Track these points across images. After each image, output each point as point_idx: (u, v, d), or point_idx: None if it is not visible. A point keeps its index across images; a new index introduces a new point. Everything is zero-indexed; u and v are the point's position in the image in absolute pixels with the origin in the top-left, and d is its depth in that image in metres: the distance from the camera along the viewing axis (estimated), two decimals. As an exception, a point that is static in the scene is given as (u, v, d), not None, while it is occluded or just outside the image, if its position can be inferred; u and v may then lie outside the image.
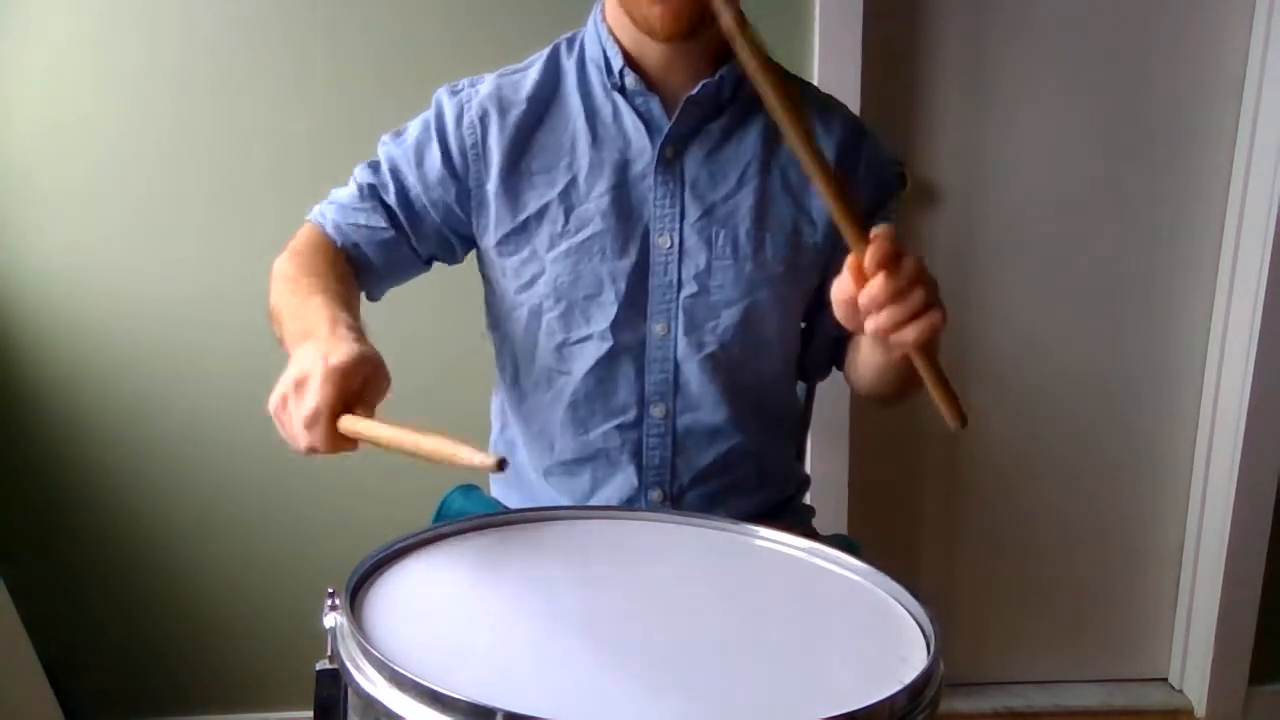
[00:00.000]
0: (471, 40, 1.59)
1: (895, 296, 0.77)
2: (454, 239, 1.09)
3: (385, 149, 1.09)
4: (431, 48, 1.60)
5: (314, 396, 0.79)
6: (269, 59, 1.59)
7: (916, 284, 0.78)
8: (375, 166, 1.09)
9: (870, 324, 0.79)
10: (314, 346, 0.83)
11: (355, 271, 1.06)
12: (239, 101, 1.60)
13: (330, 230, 1.08)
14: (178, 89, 1.59)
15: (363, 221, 1.07)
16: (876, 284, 0.77)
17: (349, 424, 0.79)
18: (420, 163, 1.06)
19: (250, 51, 1.59)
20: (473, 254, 1.12)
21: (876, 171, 1.09)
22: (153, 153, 1.61)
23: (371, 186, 1.08)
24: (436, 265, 1.14)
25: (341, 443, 0.80)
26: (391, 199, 1.07)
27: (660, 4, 0.93)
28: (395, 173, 1.07)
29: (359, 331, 0.89)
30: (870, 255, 0.77)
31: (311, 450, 0.81)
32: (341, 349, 0.81)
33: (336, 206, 1.09)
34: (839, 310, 0.83)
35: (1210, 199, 1.81)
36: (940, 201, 1.79)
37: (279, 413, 0.83)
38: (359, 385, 0.81)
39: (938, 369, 0.81)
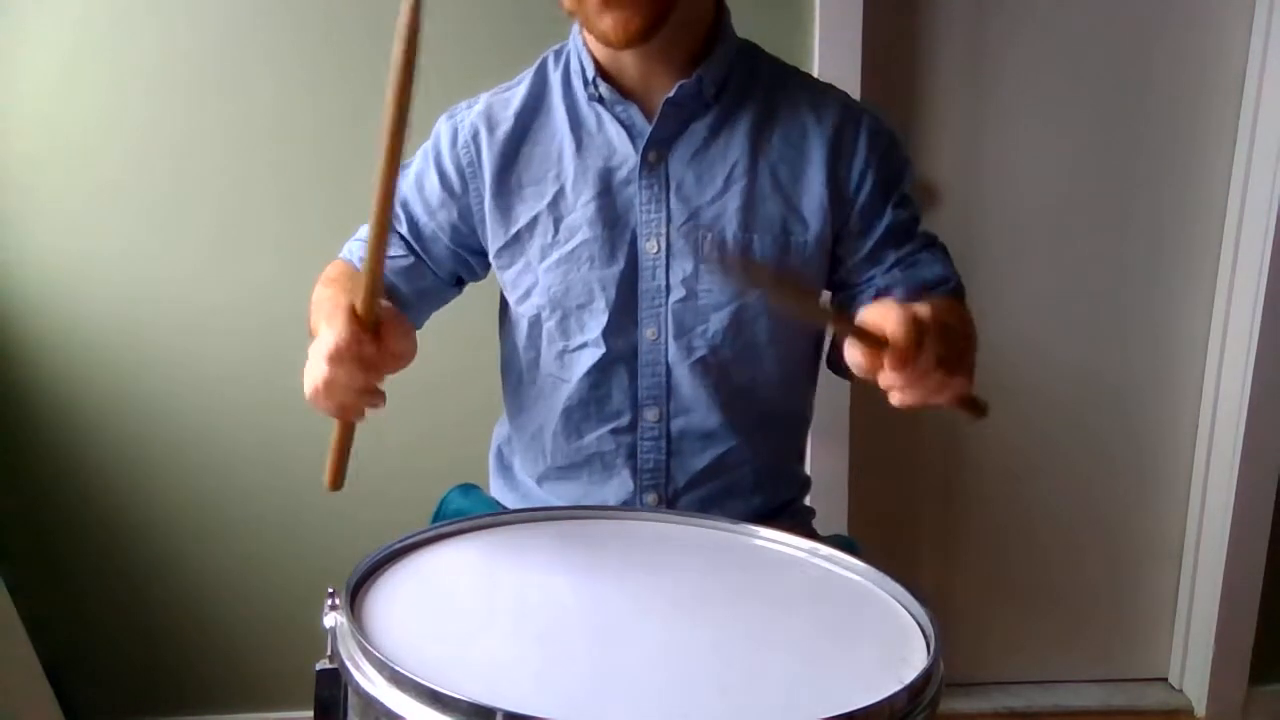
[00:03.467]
0: (482, 47, 1.58)
1: (916, 383, 0.80)
2: (468, 256, 1.12)
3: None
4: (443, 56, 1.59)
5: (330, 335, 0.84)
6: (277, 66, 1.59)
7: (936, 368, 0.79)
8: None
9: (895, 400, 0.82)
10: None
11: (388, 301, 1.08)
12: (246, 107, 1.60)
13: (358, 264, 1.11)
14: (185, 94, 1.59)
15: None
16: (895, 376, 0.80)
17: (360, 306, 0.85)
18: (421, 189, 1.10)
19: (258, 58, 1.59)
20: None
21: (878, 157, 1.05)
22: (158, 157, 1.61)
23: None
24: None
25: (369, 337, 0.86)
26: (404, 229, 1.11)
27: (609, 14, 0.92)
28: (404, 205, 1.11)
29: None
30: (889, 361, 0.78)
31: (350, 371, 0.85)
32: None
33: (360, 243, 1.14)
34: (858, 373, 0.85)
35: (1210, 199, 1.81)
36: (940, 201, 1.79)
37: (315, 387, 0.87)
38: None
39: (966, 404, 0.87)
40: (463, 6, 1.58)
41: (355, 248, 1.14)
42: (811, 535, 0.98)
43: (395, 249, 1.11)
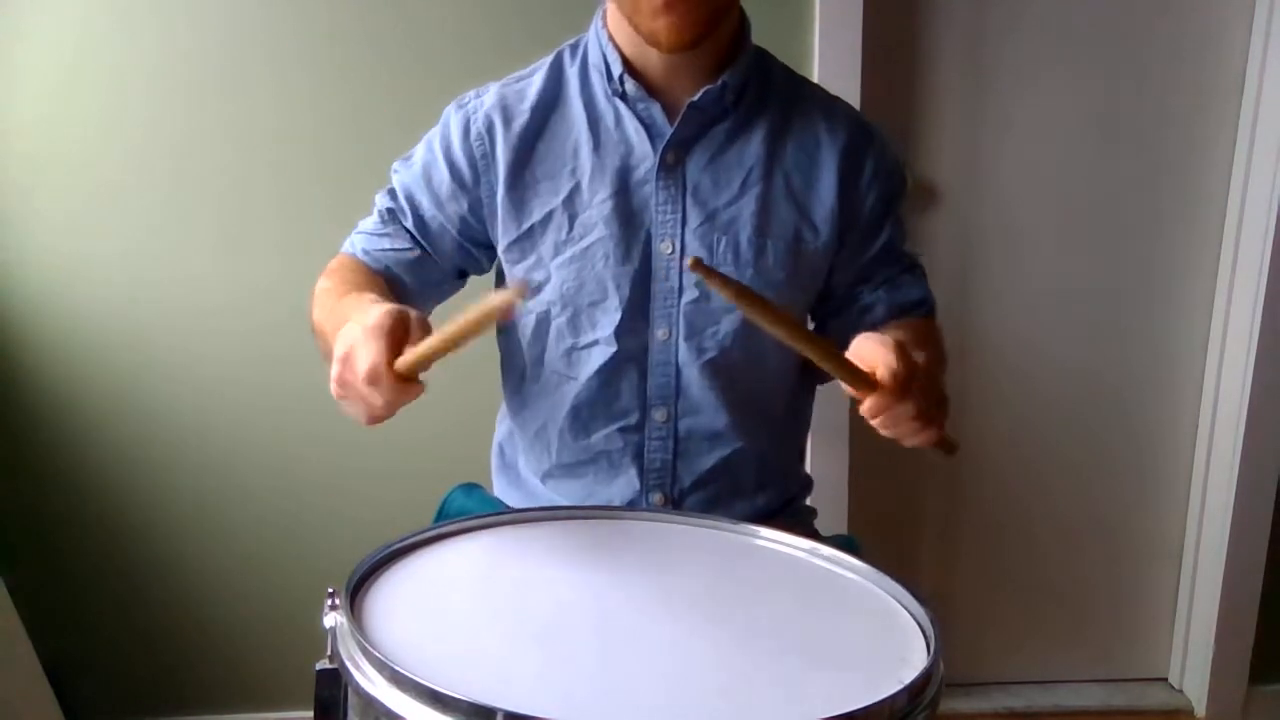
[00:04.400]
0: (481, 48, 1.58)
1: (892, 425, 0.87)
2: (475, 250, 1.12)
3: (398, 176, 1.12)
4: (441, 54, 1.60)
5: (365, 358, 0.81)
6: (276, 66, 1.59)
7: (915, 418, 0.86)
8: (393, 193, 1.13)
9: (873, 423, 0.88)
10: (351, 323, 0.86)
11: (393, 294, 1.08)
12: (244, 108, 1.60)
13: (361, 256, 1.11)
14: (183, 94, 1.59)
15: (388, 246, 1.11)
16: (877, 421, 0.87)
17: (403, 362, 0.82)
18: (429, 182, 1.09)
19: (257, 58, 1.59)
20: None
21: (883, 176, 1.08)
22: (159, 158, 1.61)
23: (391, 211, 1.12)
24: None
25: (407, 387, 0.83)
26: (409, 223, 1.11)
27: (665, 17, 0.93)
28: (410, 198, 1.10)
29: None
30: (869, 409, 0.85)
31: (385, 407, 0.84)
32: (373, 310, 0.85)
33: (364, 235, 1.13)
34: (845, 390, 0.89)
35: (1210, 199, 1.81)
36: (940, 201, 1.79)
37: (341, 391, 0.86)
38: (401, 336, 0.84)
39: (939, 442, 0.92)
40: (464, 3, 1.58)
41: (358, 240, 1.13)
42: (813, 535, 0.98)
43: (400, 241, 1.11)
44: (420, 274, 1.11)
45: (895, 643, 0.74)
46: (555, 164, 1.04)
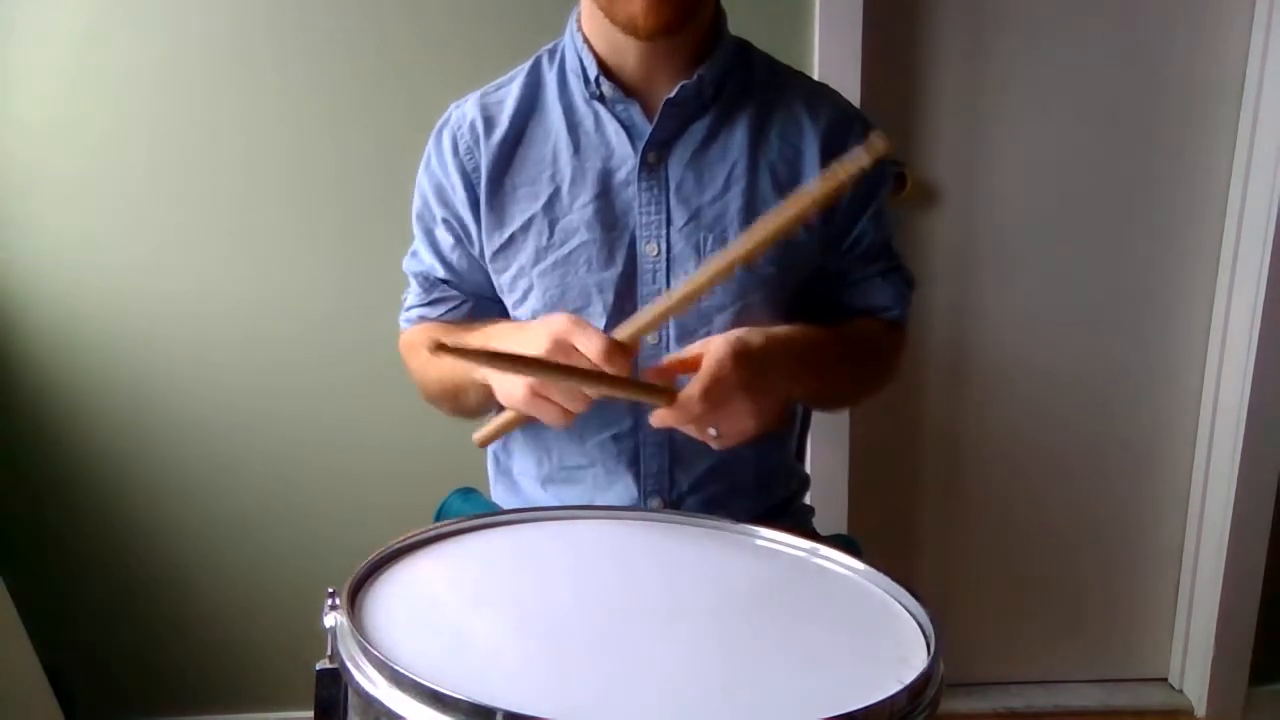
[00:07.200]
0: (494, 48, 1.58)
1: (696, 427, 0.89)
2: None
3: (415, 228, 1.12)
4: (424, 40, 1.59)
5: (592, 336, 0.86)
6: (266, 55, 1.59)
7: (700, 433, 0.89)
8: (415, 254, 1.13)
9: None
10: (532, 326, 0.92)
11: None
12: (238, 98, 1.60)
13: (429, 325, 1.13)
14: (178, 86, 1.59)
15: (445, 309, 1.12)
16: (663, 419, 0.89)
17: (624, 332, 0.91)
18: (438, 217, 1.09)
19: (248, 47, 1.59)
20: None
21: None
22: (154, 150, 1.61)
23: (423, 275, 1.12)
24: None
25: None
26: (442, 274, 1.11)
27: None
28: (433, 246, 1.10)
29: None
30: (656, 416, 0.88)
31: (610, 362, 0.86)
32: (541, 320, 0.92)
33: (417, 309, 1.14)
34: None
35: (1210, 199, 1.81)
36: (940, 201, 1.79)
37: (532, 397, 0.89)
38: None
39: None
40: (442, 8, 1.58)
41: (414, 315, 1.14)
42: (812, 535, 0.98)
43: (450, 299, 1.12)
44: (484, 315, 1.11)
45: (895, 643, 0.74)
46: (534, 170, 1.04)
